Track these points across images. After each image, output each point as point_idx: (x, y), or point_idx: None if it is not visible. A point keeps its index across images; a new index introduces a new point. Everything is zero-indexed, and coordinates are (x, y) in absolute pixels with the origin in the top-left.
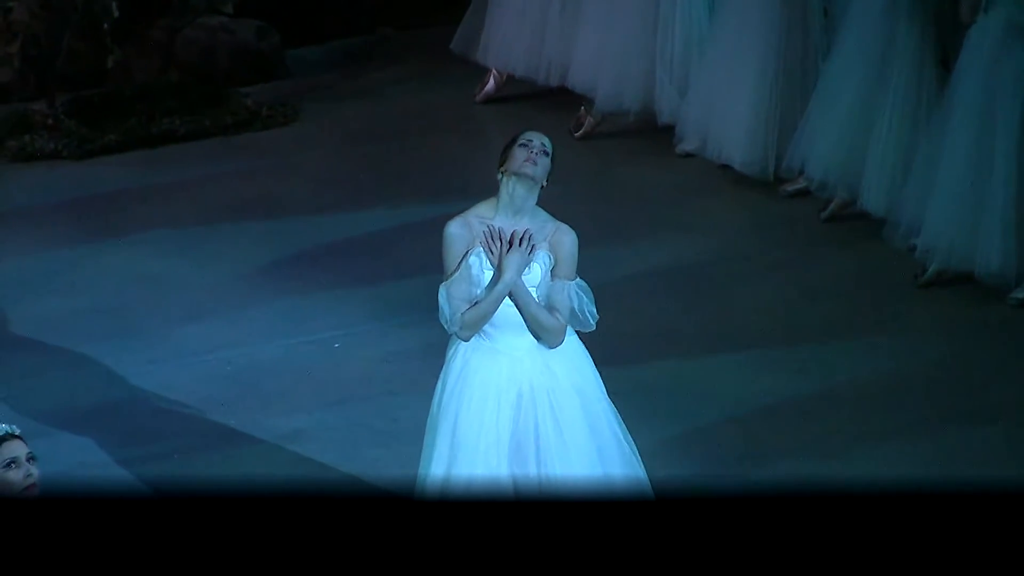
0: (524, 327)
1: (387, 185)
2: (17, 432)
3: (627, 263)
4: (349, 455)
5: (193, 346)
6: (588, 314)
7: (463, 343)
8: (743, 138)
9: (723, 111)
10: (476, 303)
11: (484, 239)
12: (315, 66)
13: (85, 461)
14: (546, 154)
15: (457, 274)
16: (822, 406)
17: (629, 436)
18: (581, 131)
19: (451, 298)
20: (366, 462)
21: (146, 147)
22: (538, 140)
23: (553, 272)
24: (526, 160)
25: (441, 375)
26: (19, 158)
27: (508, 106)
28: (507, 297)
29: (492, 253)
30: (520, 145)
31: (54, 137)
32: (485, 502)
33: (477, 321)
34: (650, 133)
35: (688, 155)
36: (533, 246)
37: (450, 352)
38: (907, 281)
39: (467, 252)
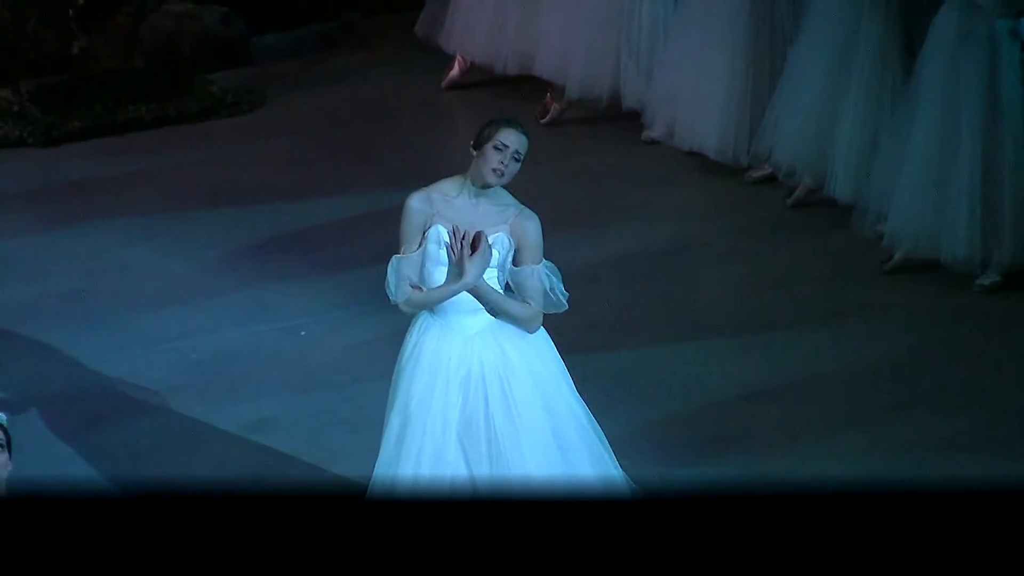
0: (477, 307)
1: (354, 171)
2: None
3: (592, 250)
4: (316, 442)
5: (160, 333)
6: (559, 294)
7: (419, 322)
8: (716, 125)
9: (693, 98)
10: (427, 289)
11: (449, 239)
12: (281, 52)
13: (50, 449)
14: (517, 160)
15: (410, 248)
16: (788, 394)
17: (599, 430)
18: (547, 117)
19: (399, 271)
20: (333, 449)
21: (112, 134)
22: (513, 145)
23: (519, 258)
24: (495, 168)
25: (399, 353)
26: None
27: (475, 91)
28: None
29: (453, 252)
30: (495, 148)
31: (19, 124)
32: (441, 502)
33: (421, 306)
34: (616, 120)
35: (654, 142)
36: (491, 246)
37: (409, 330)
38: (874, 268)
39: (426, 227)
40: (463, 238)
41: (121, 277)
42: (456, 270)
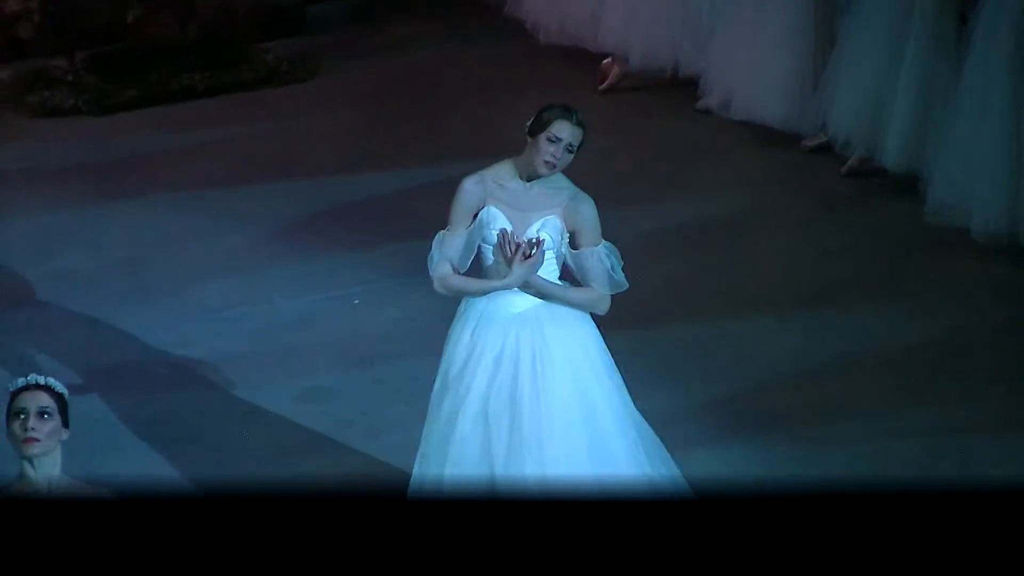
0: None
1: (408, 142)
2: (43, 382)
3: (647, 221)
4: (370, 411)
5: (214, 303)
6: (620, 272)
7: (468, 298)
8: (778, 94)
9: (752, 68)
10: (468, 276)
11: (499, 240)
12: (336, 21)
13: (102, 419)
14: (570, 151)
15: (457, 229)
16: (838, 371)
17: (646, 429)
18: (606, 83)
19: (443, 247)
20: (386, 419)
21: (166, 103)
22: (567, 138)
23: (577, 241)
24: (547, 160)
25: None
26: (39, 114)
27: (536, 62)
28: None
29: (504, 256)
30: (548, 139)
31: (74, 93)
32: (467, 501)
33: (456, 291)
34: (671, 89)
35: (708, 111)
36: (544, 252)
37: (459, 309)
38: (928, 241)
39: (478, 208)
40: (513, 244)
41: (175, 248)
42: (502, 268)
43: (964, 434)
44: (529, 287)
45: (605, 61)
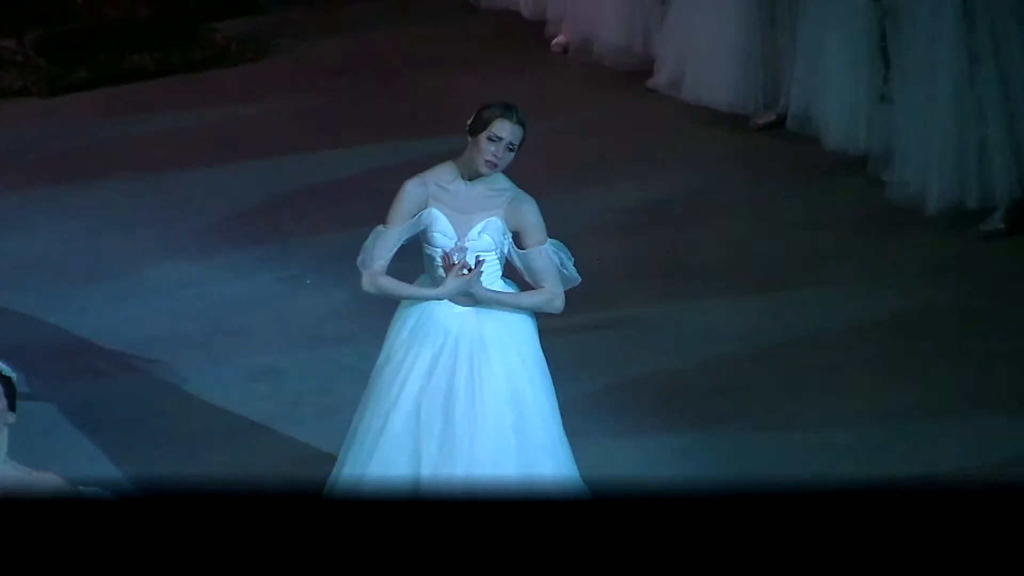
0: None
1: (360, 124)
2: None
3: (596, 202)
4: (322, 391)
5: (164, 284)
6: (570, 268)
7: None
8: (730, 79)
9: (703, 51)
10: (400, 283)
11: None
12: (286, 1)
13: (52, 398)
14: (511, 150)
15: (395, 227)
16: (788, 349)
17: (563, 434)
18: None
19: (378, 244)
20: (339, 397)
21: (116, 84)
22: (508, 136)
23: (523, 242)
24: (488, 160)
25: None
26: None
27: (486, 42)
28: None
29: (444, 267)
30: (489, 139)
31: (23, 74)
32: (397, 501)
33: (385, 292)
34: (622, 71)
35: (655, 90)
36: (480, 273)
37: (397, 310)
38: (883, 218)
39: (419, 210)
40: (455, 262)
41: (125, 228)
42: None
43: (917, 415)
44: (474, 299)
45: (556, 40)
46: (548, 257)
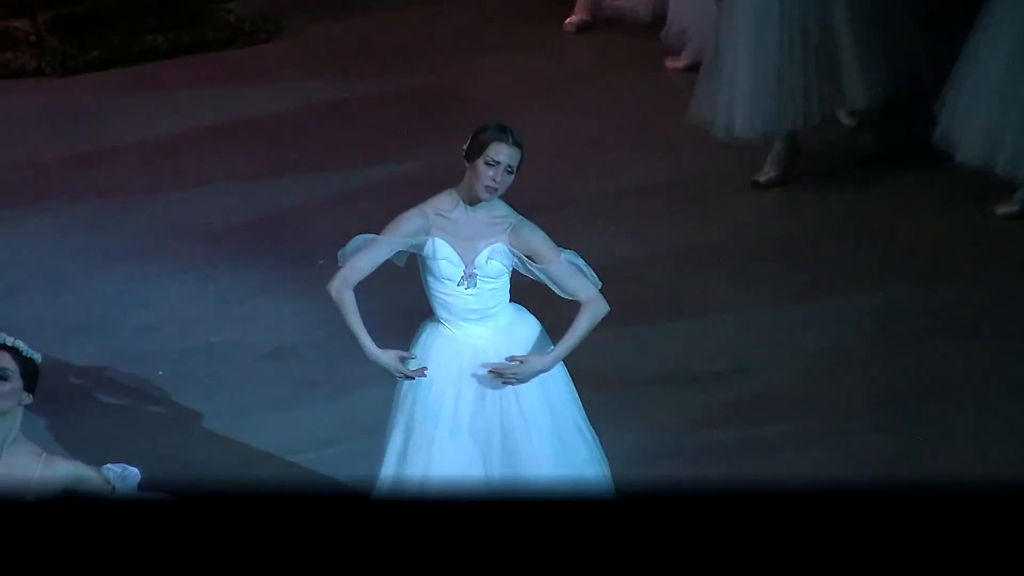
0: (483, 317)
1: (375, 106)
2: (8, 344)
3: (610, 178)
4: (334, 371)
5: (175, 265)
6: (591, 274)
7: (428, 328)
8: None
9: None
10: (355, 313)
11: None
12: None
13: (68, 380)
14: (510, 172)
15: (387, 242)
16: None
17: (592, 431)
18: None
19: (364, 254)
20: (351, 378)
21: (128, 64)
22: (505, 160)
23: (539, 262)
24: (487, 185)
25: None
26: (1, 75)
27: (505, 21)
28: (463, 288)
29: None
30: (486, 163)
31: (37, 54)
32: (446, 501)
33: (339, 308)
34: (637, 47)
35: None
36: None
37: (416, 335)
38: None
39: (417, 236)
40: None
41: (137, 209)
42: (450, 301)
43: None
44: (558, 360)
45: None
46: (569, 266)
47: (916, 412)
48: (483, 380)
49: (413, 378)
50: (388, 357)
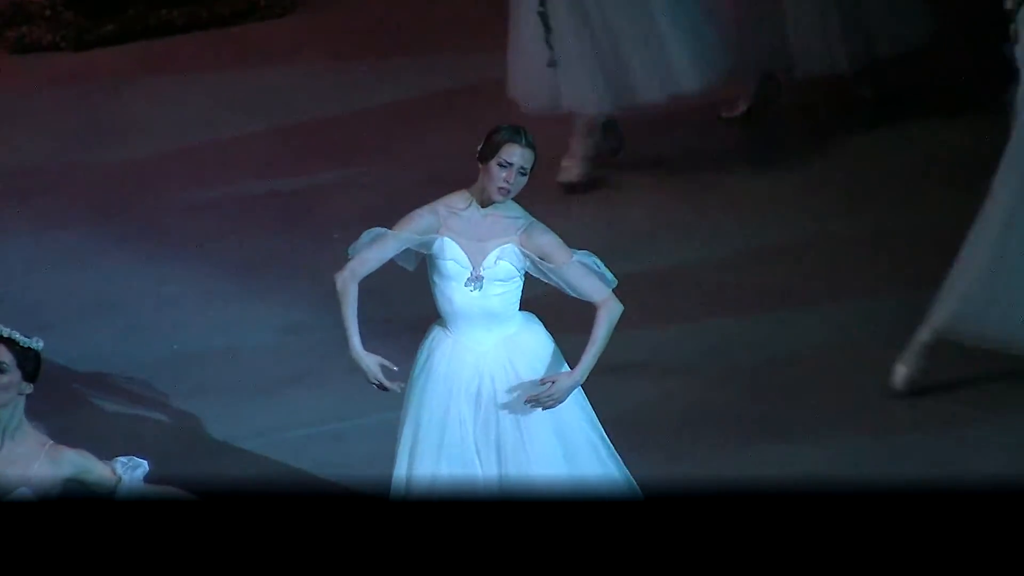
0: (489, 322)
1: (390, 81)
2: (4, 335)
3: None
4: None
5: (193, 236)
6: (605, 271)
7: (432, 335)
8: None
9: None
10: (353, 307)
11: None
12: None
13: (86, 354)
14: (523, 174)
15: (396, 236)
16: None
17: (606, 438)
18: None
19: (370, 247)
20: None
21: (144, 38)
22: (518, 161)
23: (551, 262)
24: (500, 187)
25: (412, 364)
26: (17, 49)
27: None
28: (470, 290)
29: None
30: (499, 165)
31: (52, 28)
32: (452, 501)
33: (340, 299)
34: None
35: None
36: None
37: (422, 342)
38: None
39: (427, 233)
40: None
41: (152, 181)
42: (456, 299)
43: None
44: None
45: None
46: (582, 267)
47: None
48: (480, 387)
49: (387, 389)
50: (369, 360)
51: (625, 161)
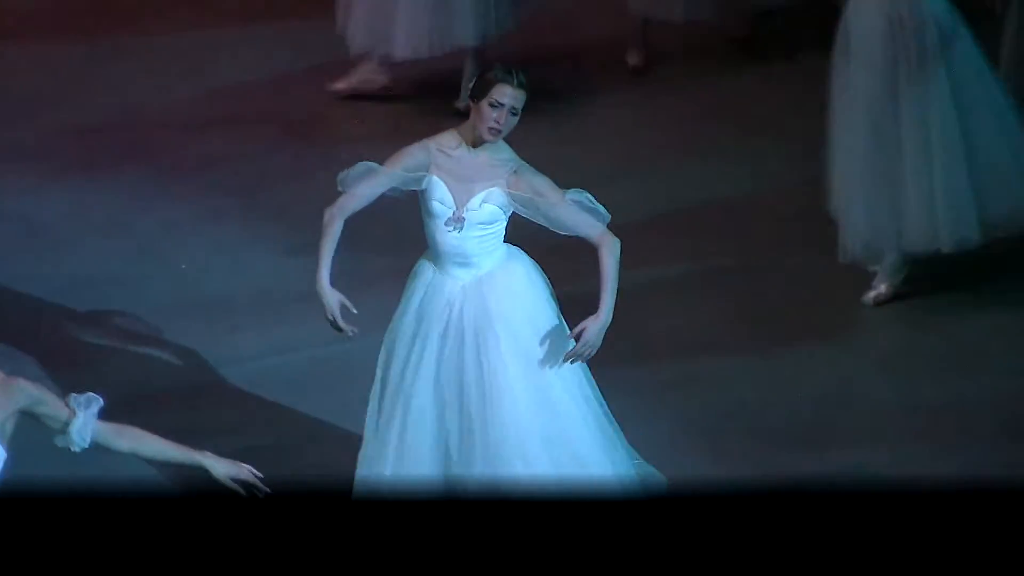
0: (469, 259)
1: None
2: None
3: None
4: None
5: (203, 158)
6: (598, 207)
7: (418, 267)
8: None
9: None
10: (332, 242)
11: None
12: None
13: (116, 324)
14: (515, 114)
15: (387, 172)
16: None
17: (602, 413)
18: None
19: (361, 182)
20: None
21: None
22: (510, 101)
23: (545, 201)
24: (491, 127)
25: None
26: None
27: None
28: (449, 230)
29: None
30: (490, 104)
31: None
32: (427, 500)
33: (323, 232)
34: None
35: None
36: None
37: (412, 270)
38: None
39: (416, 171)
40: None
41: (163, 98)
42: (442, 239)
43: None
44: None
45: None
46: (575, 204)
47: None
48: (448, 323)
49: (341, 330)
50: (332, 297)
51: None
